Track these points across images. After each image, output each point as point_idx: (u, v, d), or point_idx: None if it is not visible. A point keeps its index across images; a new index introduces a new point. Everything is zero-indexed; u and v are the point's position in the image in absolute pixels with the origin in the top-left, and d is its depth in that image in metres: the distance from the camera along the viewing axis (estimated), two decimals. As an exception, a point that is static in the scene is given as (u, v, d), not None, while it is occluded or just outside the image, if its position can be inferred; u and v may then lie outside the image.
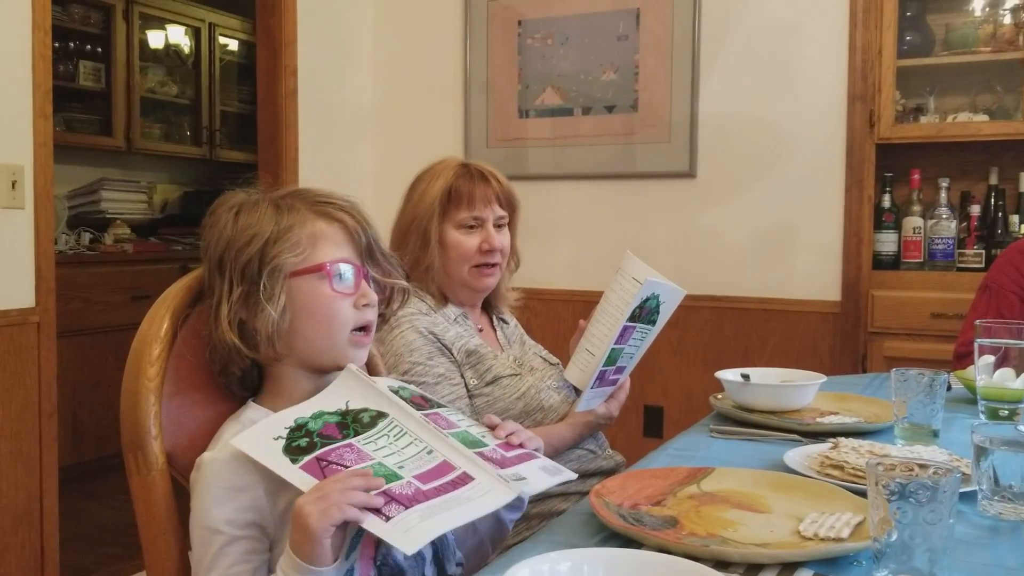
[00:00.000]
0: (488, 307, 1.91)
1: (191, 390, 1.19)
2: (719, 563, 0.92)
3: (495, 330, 1.90)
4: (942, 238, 3.04)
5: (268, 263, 1.11)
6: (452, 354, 1.70)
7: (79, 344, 3.93)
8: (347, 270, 1.14)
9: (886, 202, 3.11)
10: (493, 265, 1.78)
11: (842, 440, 1.34)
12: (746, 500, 1.14)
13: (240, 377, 1.18)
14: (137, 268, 4.31)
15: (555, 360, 1.89)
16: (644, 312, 1.63)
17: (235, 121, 5.43)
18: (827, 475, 1.24)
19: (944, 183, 3.04)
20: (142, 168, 5.08)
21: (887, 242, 3.11)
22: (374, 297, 1.17)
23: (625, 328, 1.59)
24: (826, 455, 1.29)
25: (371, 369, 1.45)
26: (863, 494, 1.07)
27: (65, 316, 3.22)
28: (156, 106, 5.00)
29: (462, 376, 1.70)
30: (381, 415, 1.08)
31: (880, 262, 3.12)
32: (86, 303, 4.01)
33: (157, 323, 1.18)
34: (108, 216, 4.61)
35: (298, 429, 1.04)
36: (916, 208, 3.08)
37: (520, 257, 1.91)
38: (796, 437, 1.50)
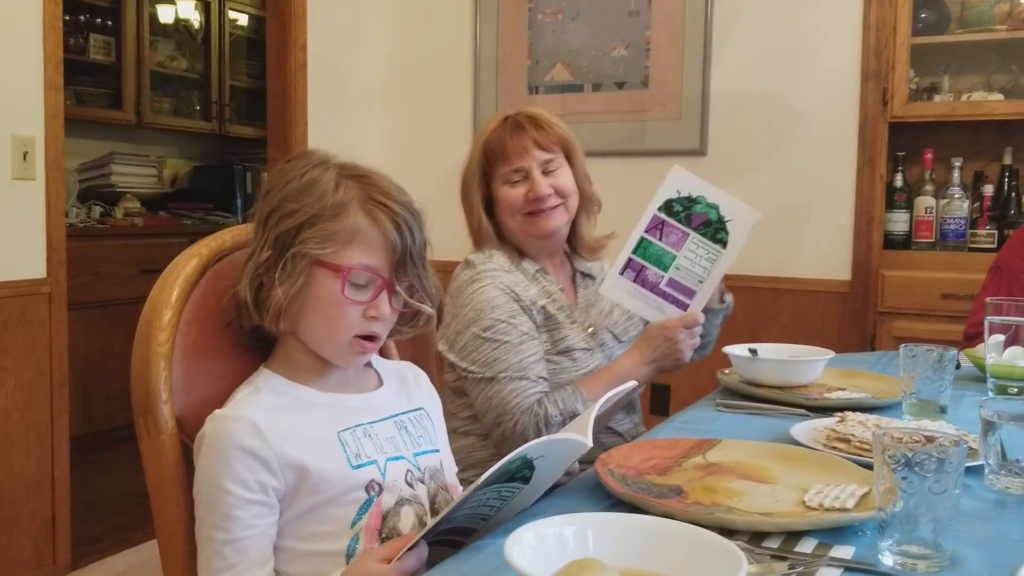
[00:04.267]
0: (572, 258, 1.87)
1: (201, 356, 1.19)
2: (724, 531, 0.92)
3: (576, 288, 1.85)
4: (954, 218, 3.02)
5: (297, 244, 1.10)
6: (533, 314, 1.69)
7: (89, 316, 3.95)
8: (366, 280, 1.12)
9: (898, 181, 3.10)
10: (551, 208, 1.73)
11: (849, 414, 1.34)
12: (751, 471, 1.14)
13: (251, 333, 1.18)
14: (147, 242, 4.32)
15: (632, 334, 1.83)
16: (696, 218, 1.64)
17: (244, 96, 5.42)
18: (833, 448, 1.24)
19: (957, 163, 3.02)
20: (152, 142, 5.08)
21: (898, 222, 3.10)
22: (387, 312, 1.13)
23: (662, 222, 1.61)
24: (833, 428, 1.29)
25: (384, 353, 1.45)
26: (869, 467, 1.07)
27: (76, 289, 3.24)
28: (166, 80, 5.00)
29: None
30: (524, 481, 1.02)
31: (891, 242, 3.10)
32: (96, 276, 4.03)
33: (168, 289, 1.18)
34: (118, 190, 4.62)
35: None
36: (928, 188, 3.06)
37: (599, 199, 1.84)
38: (803, 411, 1.50)
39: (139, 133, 4.94)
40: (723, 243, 1.65)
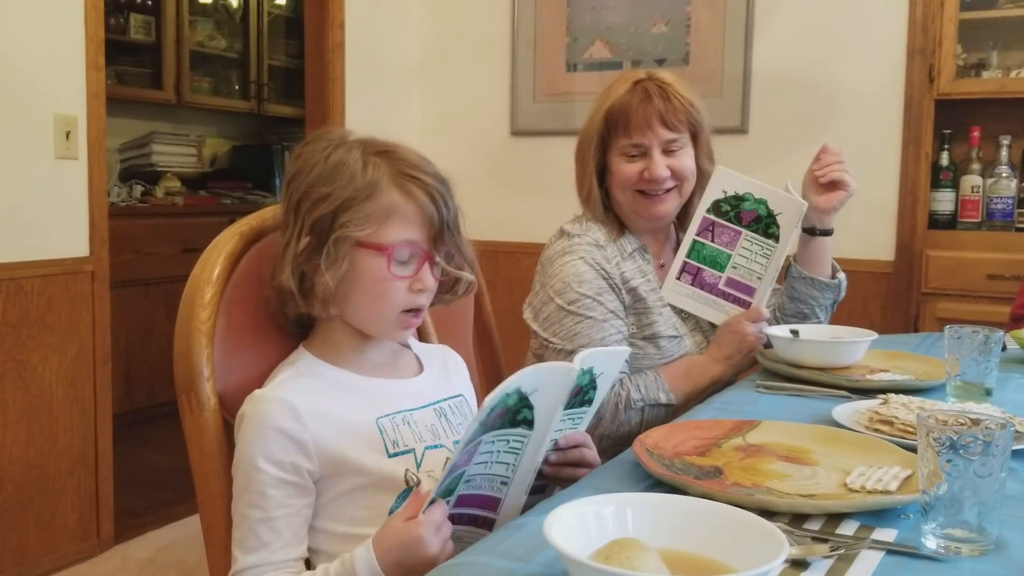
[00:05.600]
0: (679, 232, 1.81)
1: (242, 335, 1.20)
2: (764, 513, 0.91)
3: None
4: (1001, 197, 2.96)
5: (337, 229, 1.10)
6: (621, 294, 1.66)
7: (131, 295, 4.01)
8: (408, 254, 1.13)
9: (944, 160, 3.04)
10: (664, 192, 1.67)
11: (892, 396, 1.32)
12: (792, 453, 1.13)
13: (295, 319, 1.19)
14: (187, 221, 4.37)
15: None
16: (745, 216, 1.62)
17: (283, 75, 5.44)
18: (876, 430, 1.22)
19: (1005, 141, 2.95)
20: (191, 122, 5.12)
21: (944, 201, 3.04)
22: (431, 284, 1.15)
23: (712, 223, 1.62)
24: (876, 411, 1.28)
25: (420, 326, 1.45)
26: (912, 449, 1.05)
27: (118, 267, 3.28)
28: (205, 60, 5.03)
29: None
30: (529, 425, 1.02)
31: (936, 221, 3.05)
32: (138, 254, 4.09)
33: (209, 267, 1.19)
34: (159, 169, 4.66)
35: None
36: (975, 166, 3.00)
37: (704, 170, 1.76)
38: (845, 393, 1.48)
39: (179, 112, 4.98)
40: (775, 237, 1.67)
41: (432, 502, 0.98)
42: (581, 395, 1.08)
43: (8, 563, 2.53)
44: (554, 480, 1.15)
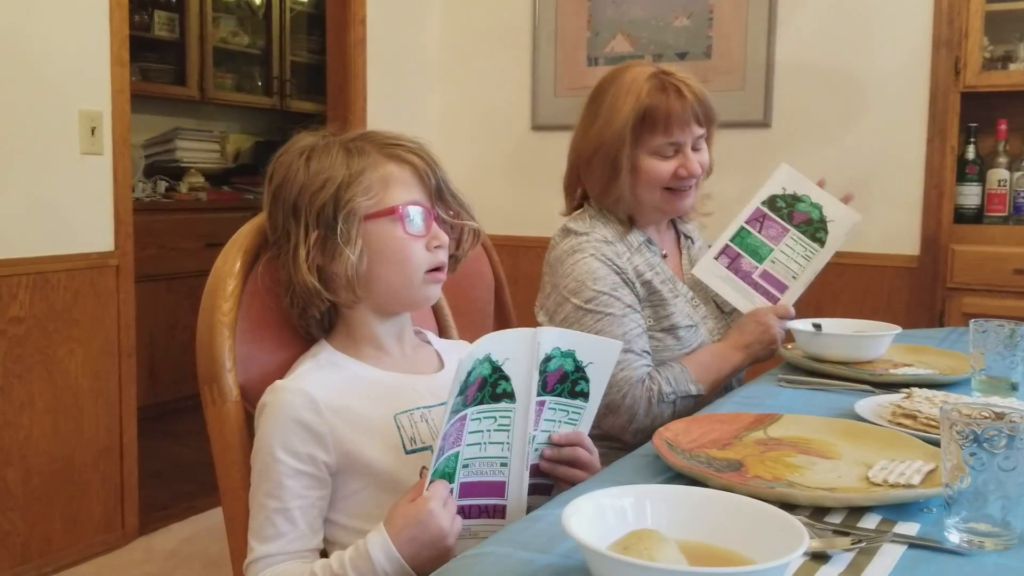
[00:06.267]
0: (675, 221, 1.83)
1: (263, 327, 1.21)
2: (785, 506, 0.91)
3: (680, 252, 1.82)
4: (1028, 191, 2.92)
5: (343, 207, 1.12)
6: (636, 287, 1.66)
7: (155, 289, 4.04)
8: (417, 212, 1.15)
9: (970, 153, 3.00)
10: (690, 188, 1.68)
11: (915, 390, 1.31)
12: (814, 446, 1.12)
13: (319, 319, 1.19)
14: (210, 216, 4.40)
15: (729, 309, 1.79)
16: (798, 216, 1.65)
17: (305, 71, 5.46)
18: (899, 424, 1.21)
19: (1032, 134, 2.92)
20: (214, 118, 5.16)
21: (970, 195, 3.01)
22: (445, 238, 1.17)
23: (763, 215, 1.67)
24: (899, 404, 1.27)
25: (440, 321, 1.46)
26: (936, 444, 1.05)
27: (142, 262, 3.31)
28: (228, 56, 5.06)
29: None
30: (510, 397, 1.04)
31: (962, 215, 3.01)
32: (162, 249, 4.12)
33: (231, 260, 1.20)
34: (182, 165, 4.70)
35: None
36: (1002, 160, 2.96)
37: (713, 161, 1.76)
38: (868, 387, 1.47)
39: (202, 109, 5.02)
40: (821, 242, 1.71)
41: (432, 482, 1.00)
42: (568, 382, 1.09)
43: (35, 553, 2.56)
44: (553, 478, 1.15)
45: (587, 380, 1.11)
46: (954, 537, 0.86)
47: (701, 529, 0.79)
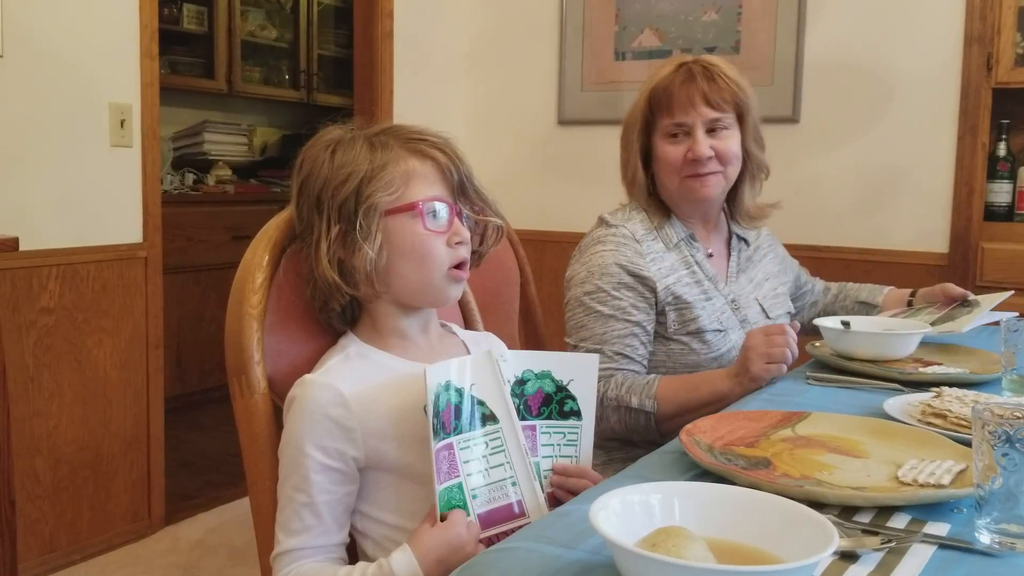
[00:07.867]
0: (731, 222, 1.78)
1: (291, 320, 1.22)
2: (813, 505, 0.90)
3: (729, 252, 1.77)
4: (1061, 189, 2.88)
5: (364, 202, 1.12)
6: (655, 292, 1.61)
7: (183, 281, 4.08)
8: (440, 208, 1.14)
9: (1001, 150, 2.96)
10: (709, 173, 1.63)
11: (945, 389, 1.30)
12: (842, 445, 1.12)
13: (340, 312, 1.20)
14: (238, 209, 4.43)
15: (779, 311, 1.73)
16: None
17: (332, 65, 5.48)
18: (929, 424, 1.20)
19: (1065, 131, 2.88)
20: (242, 111, 5.19)
21: (1001, 192, 2.97)
22: (467, 235, 1.17)
23: None
24: (928, 403, 1.25)
25: (466, 315, 1.46)
26: (966, 443, 1.04)
27: (170, 254, 3.34)
28: (256, 50, 5.09)
29: (659, 314, 1.62)
30: (493, 419, 1.06)
31: (992, 213, 2.98)
32: (190, 241, 4.15)
33: (260, 253, 1.21)
34: (210, 158, 4.73)
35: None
36: (1034, 157, 2.93)
37: (768, 165, 1.72)
38: (897, 386, 1.45)
39: (230, 102, 5.04)
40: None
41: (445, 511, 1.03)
42: (554, 403, 1.11)
43: (63, 542, 2.59)
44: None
45: (574, 398, 1.12)
46: (985, 538, 0.85)
47: (729, 527, 0.79)
